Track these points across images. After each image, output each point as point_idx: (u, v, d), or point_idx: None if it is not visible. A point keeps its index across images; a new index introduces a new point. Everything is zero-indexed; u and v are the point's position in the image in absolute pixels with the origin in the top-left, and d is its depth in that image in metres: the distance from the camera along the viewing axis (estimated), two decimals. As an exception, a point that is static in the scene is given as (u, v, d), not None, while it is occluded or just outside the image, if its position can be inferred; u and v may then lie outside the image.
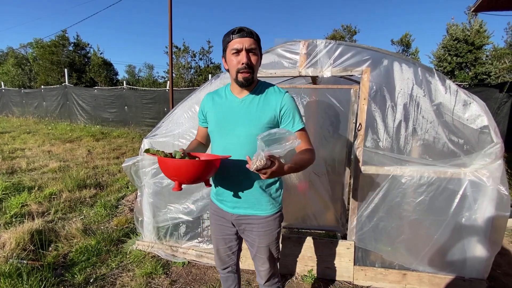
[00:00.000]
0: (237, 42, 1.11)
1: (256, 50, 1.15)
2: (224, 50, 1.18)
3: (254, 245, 1.31)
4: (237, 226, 1.34)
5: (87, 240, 2.57)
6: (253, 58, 1.14)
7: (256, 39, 1.15)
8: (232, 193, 1.26)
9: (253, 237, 1.30)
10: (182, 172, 1.04)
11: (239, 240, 1.42)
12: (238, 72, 1.14)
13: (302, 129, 1.22)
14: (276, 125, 1.21)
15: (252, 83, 1.19)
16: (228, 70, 1.22)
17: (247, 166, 0.94)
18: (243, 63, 1.11)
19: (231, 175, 1.24)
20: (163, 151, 1.10)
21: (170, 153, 1.12)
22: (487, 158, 1.77)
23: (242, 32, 1.11)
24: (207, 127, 1.35)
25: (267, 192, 1.26)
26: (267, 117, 1.18)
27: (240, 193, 1.25)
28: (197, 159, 1.15)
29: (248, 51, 1.12)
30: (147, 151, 1.10)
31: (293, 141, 0.94)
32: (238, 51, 1.12)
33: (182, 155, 1.10)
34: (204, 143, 1.43)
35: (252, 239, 1.31)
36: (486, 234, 1.84)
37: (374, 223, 2.03)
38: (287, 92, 1.23)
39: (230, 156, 1.15)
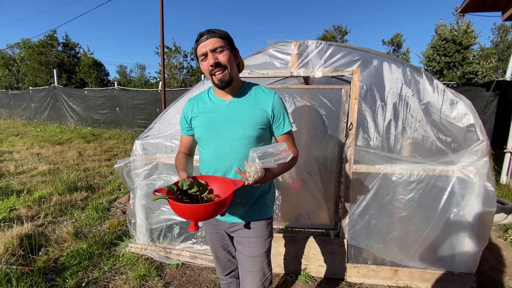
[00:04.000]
0: (201, 48, 1.10)
1: (224, 47, 1.11)
2: (198, 60, 1.17)
3: (245, 256, 1.25)
4: (230, 234, 1.31)
5: (79, 244, 2.53)
6: (221, 56, 1.10)
7: (221, 36, 1.11)
8: None
9: (244, 246, 1.24)
10: (200, 215, 0.98)
11: None
12: (211, 75, 1.12)
13: (290, 131, 1.23)
14: (268, 125, 1.19)
15: (231, 83, 1.14)
16: None
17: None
18: (211, 65, 1.09)
19: None
20: (169, 186, 1.03)
21: (177, 183, 1.06)
22: (473, 155, 1.82)
23: (203, 36, 1.10)
24: (191, 135, 1.30)
25: (262, 199, 1.24)
26: (259, 118, 1.16)
27: (234, 201, 1.19)
28: (204, 182, 1.11)
29: (213, 51, 1.09)
30: (157, 198, 1.00)
31: (285, 155, 0.99)
32: (205, 56, 1.11)
33: (190, 184, 1.04)
34: (190, 154, 1.35)
35: (244, 249, 1.25)
36: (473, 229, 1.89)
37: (366, 220, 2.06)
38: (275, 92, 1.22)
39: (244, 183, 1.05)
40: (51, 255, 2.38)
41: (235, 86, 1.18)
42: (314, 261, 2.18)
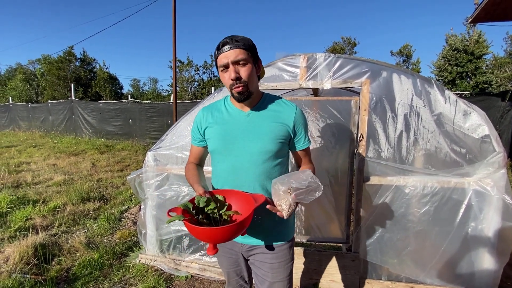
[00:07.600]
0: (222, 58, 1.03)
1: (246, 60, 1.03)
2: (217, 68, 1.11)
3: (265, 281, 1.16)
4: (247, 257, 1.21)
5: (90, 254, 2.56)
6: (243, 70, 1.04)
7: (245, 47, 1.03)
8: None
9: (264, 271, 1.16)
10: (218, 237, 0.91)
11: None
12: (231, 88, 1.06)
13: (308, 147, 1.20)
14: (288, 139, 1.13)
15: (250, 97, 1.09)
16: None
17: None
18: (232, 79, 1.03)
19: None
20: (184, 205, 0.97)
21: (192, 200, 1.00)
22: (490, 167, 1.76)
23: (225, 45, 1.02)
24: (203, 147, 1.23)
25: (285, 220, 1.12)
26: (280, 131, 1.10)
27: (255, 222, 1.11)
28: (222, 197, 1.04)
29: (234, 63, 1.02)
30: (172, 219, 0.93)
31: (315, 187, 0.97)
32: (225, 67, 1.04)
33: (207, 200, 0.98)
34: (201, 164, 1.30)
35: (264, 274, 1.16)
36: (493, 244, 1.81)
37: (379, 234, 2.01)
38: (297, 106, 1.17)
39: (264, 200, 1.00)
40: (64, 264, 2.42)
41: (254, 98, 1.12)
42: (325, 276, 2.12)
